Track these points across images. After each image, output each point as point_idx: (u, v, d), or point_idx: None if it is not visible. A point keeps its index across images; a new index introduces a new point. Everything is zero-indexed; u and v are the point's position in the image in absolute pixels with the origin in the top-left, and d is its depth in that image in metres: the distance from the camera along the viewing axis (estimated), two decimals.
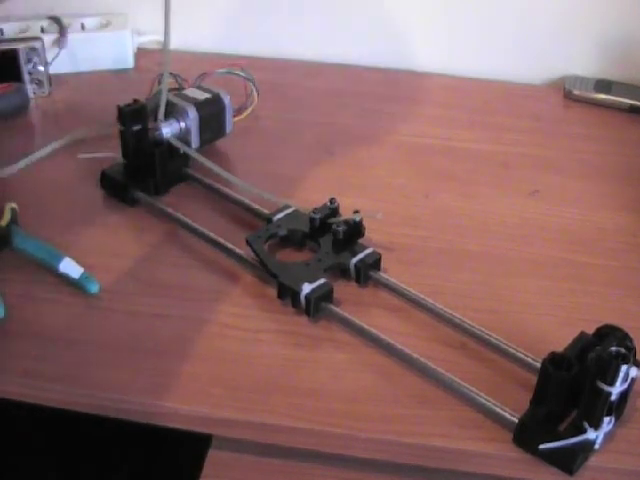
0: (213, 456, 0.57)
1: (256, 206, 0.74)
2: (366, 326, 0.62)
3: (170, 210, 0.74)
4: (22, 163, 0.80)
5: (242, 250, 0.69)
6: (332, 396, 0.57)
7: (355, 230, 0.69)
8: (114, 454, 0.77)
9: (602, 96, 0.99)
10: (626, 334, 0.54)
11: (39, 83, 0.94)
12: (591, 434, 0.52)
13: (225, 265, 0.69)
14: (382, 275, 0.67)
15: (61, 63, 0.98)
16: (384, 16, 1.04)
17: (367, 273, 0.67)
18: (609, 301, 0.67)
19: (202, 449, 0.57)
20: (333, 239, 0.69)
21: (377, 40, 1.06)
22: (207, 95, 0.82)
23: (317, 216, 0.70)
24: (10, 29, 1.00)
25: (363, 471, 0.56)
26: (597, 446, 0.53)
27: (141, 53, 1.05)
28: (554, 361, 0.53)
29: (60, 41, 0.98)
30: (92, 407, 0.57)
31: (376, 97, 0.99)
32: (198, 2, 1.05)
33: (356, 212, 0.69)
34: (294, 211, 0.73)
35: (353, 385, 0.58)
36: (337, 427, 0.55)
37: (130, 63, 1.03)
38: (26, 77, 0.93)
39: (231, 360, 0.60)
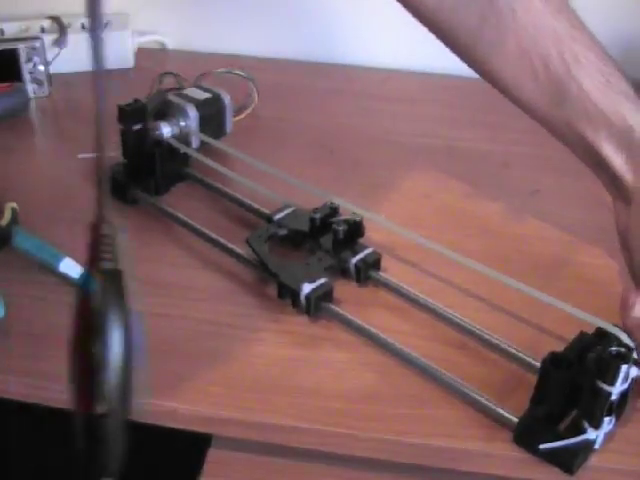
0: (213, 456, 0.57)
1: (256, 206, 0.74)
2: (366, 325, 0.62)
3: (170, 210, 0.74)
4: None
5: (242, 250, 0.69)
6: (332, 396, 0.57)
7: (355, 230, 0.69)
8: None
9: None
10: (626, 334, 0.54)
11: (39, 83, 0.94)
12: (591, 434, 0.52)
13: (225, 265, 0.69)
14: (382, 275, 0.67)
15: (61, 63, 0.98)
16: (384, 16, 1.04)
17: (367, 273, 0.67)
18: (609, 301, 0.67)
19: (202, 449, 0.57)
20: (333, 239, 0.69)
21: (377, 40, 1.06)
22: (207, 95, 0.82)
23: (317, 216, 0.70)
24: (10, 29, 1.00)
25: (363, 471, 0.56)
26: (597, 446, 0.53)
27: (141, 53, 1.05)
28: (554, 361, 0.53)
29: (60, 41, 0.98)
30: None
31: (376, 97, 0.99)
32: (198, 2, 1.05)
33: (354, 213, 0.69)
34: (294, 211, 0.72)
35: (353, 385, 0.58)
36: (337, 427, 0.55)
37: (130, 63, 1.03)
38: (26, 77, 0.93)
39: (231, 360, 0.60)
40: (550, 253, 0.73)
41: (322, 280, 0.64)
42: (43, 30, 1.00)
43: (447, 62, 1.05)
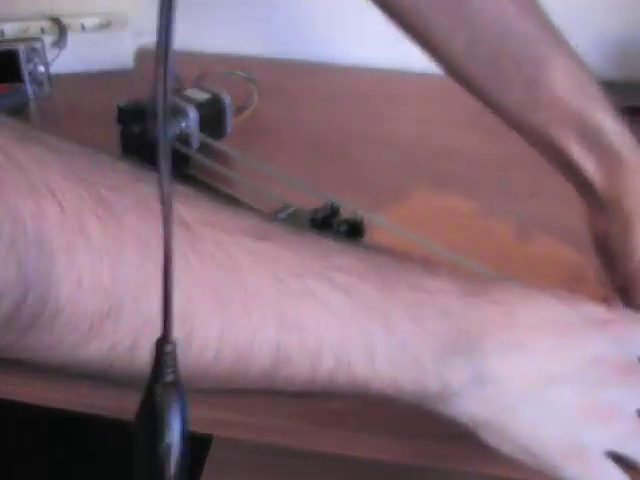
0: (213, 456, 0.57)
1: (257, 206, 0.74)
2: None
3: None
4: None
5: None
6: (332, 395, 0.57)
7: (356, 230, 0.69)
8: (114, 454, 0.77)
9: None
10: None
11: (39, 84, 0.94)
12: None
13: None
14: None
15: (61, 63, 0.98)
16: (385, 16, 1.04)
17: None
18: None
19: (202, 449, 0.57)
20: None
21: (377, 40, 1.05)
22: (207, 95, 0.82)
23: (318, 216, 0.70)
24: (10, 29, 1.00)
25: (363, 471, 0.56)
26: None
27: (141, 53, 1.05)
28: None
29: (60, 41, 0.98)
30: (92, 407, 0.57)
31: (376, 97, 0.99)
32: (198, 2, 1.05)
33: (355, 213, 0.69)
34: (295, 211, 0.72)
35: None
36: (337, 427, 0.55)
37: (130, 63, 1.03)
38: (26, 77, 0.93)
39: None
40: (550, 254, 0.73)
41: None
42: (43, 31, 1.00)
43: None
